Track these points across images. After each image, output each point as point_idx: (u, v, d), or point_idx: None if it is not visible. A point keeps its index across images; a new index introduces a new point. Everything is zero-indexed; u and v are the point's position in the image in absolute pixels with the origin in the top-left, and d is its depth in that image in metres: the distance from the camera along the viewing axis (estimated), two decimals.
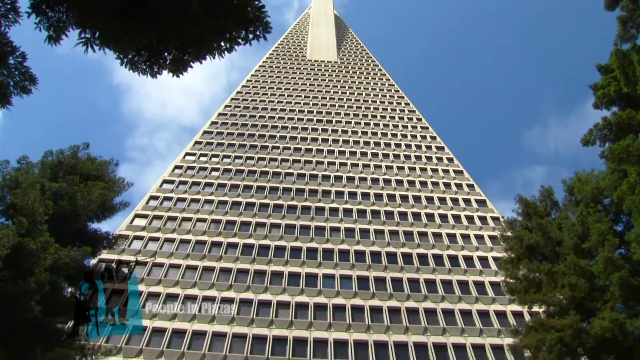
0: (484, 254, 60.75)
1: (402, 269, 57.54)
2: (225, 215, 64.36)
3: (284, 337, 46.98)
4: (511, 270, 30.49)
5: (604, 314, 22.71)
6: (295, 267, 56.41)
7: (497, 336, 48.39)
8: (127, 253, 55.08)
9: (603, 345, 23.12)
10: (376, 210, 68.75)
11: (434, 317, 50.92)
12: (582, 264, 24.86)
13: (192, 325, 47.12)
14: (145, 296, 49.95)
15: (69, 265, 23.71)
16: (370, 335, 48.05)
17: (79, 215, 25.88)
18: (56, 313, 24.52)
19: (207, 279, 53.19)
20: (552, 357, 25.08)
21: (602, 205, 26.34)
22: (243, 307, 50.14)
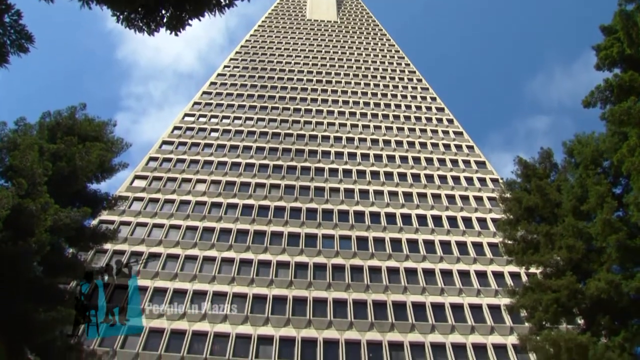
0: (483, 215, 61.00)
1: (401, 229, 57.84)
2: (224, 176, 64.41)
3: (283, 297, 47.50)
4: (509, 231, 30.62)
5: (600, 275, 22.88)
6: (294, 227, 56.70)
7: (494, 296, 48.97)
8: (127, 214, 55.29)
9: (598, 305, 23.36)
10: (375, 171, 68.78)
11: (432, 277, 51.42)
12: (580, 226, 24.96)
13: (193, 285, 47.59)
14: (145, 256, 50.28)
15: (69, 225, 23.75)
16: (369, 295, 48.57)
17: (78, 176, 25.84)
18: (57, 273, 24.72)
19: (207, 239, 53.51)
20: (547, 317, 25.38)
21: (602, 168, 26.29)
22: (243, 267, 50.57)
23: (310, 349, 42.85)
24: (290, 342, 43.25)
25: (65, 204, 24.52)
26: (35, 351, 22.56)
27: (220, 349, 42.06)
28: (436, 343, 44.05)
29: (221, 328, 43.66)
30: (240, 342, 42.85)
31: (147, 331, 42.29)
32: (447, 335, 44.80)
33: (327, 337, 43.90)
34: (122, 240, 49.58)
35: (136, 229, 54.22)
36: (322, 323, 45.07)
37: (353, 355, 42.58)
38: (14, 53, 9.69)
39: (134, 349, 40.81)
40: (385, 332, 44.83)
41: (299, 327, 44.59)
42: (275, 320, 44.89)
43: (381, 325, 45.35)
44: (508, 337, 44.33)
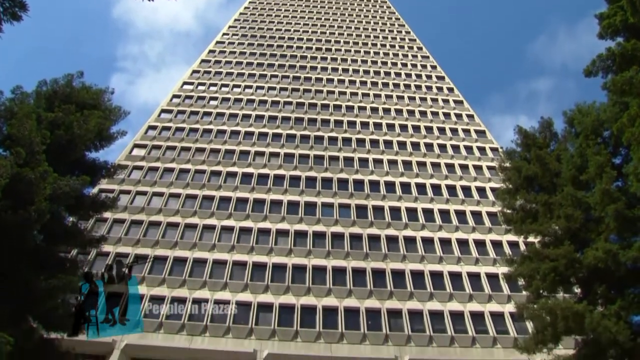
0: (482, 184, 61.10)
1: (400, 198, 57.97)
2: (223, 145, 64.31)
3: (283, 264, 47.81)
4: (508, 200, 30.67)
5: (597, 245, 22.99)
6: (293, 196, 56.82)
7: (493, 265, 49.29)
8: (126, 183, 55.37)
9: (595, 274, 23.53)
10: (375, 140, 68.67)
11: (431, 245, 51.69)
12: (579, 195, 24.99)
13: (193, 253, 47.87)
14: (146, 225, 50.49)
15: (69, 194, 23.74)
16: (368, 263, 48.90)
17: (76, 144, 25.75)
18: (58, 241, 24.79)
19: (206, 208, 53.66)
20: (545, 286, 25.57)
21: (602, 138, 26.21)
22: (242, 235, 50.80)
23: (310, 316, 43.28)
24: (290, 309, 43.67)
25: (64, 172, 24.46)
26: (37, 318, 22.76)
27: (221, 316, 42.45)
28: (434, 311, 44.49)
29: (221, 295, 44.02)
30: (240, 309, 43.24)
31: (147, 299, 42.69)
32: (445, 303, 45.23)
33: (326, 304, 44.30)
34: (122, 209, 49.73)
35: (136, 197, 54.34)
36: (322, 291, 45.44)
37: (352, 322, 43.03)
38: (7, 21, 9.55)
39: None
40: (384, 300, 45.23)
41: (298, 294, 44.97)
42: (275, 287, 45.25)
43: (380, 293, 45.73)
44: (505, 305, 44.79)
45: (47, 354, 22.19)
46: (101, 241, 27.48)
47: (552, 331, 24.02)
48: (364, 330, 42.35)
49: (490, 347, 41.78)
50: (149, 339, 39.71)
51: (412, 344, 41.68)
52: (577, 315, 22.33)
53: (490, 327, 43.24)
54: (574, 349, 25.29)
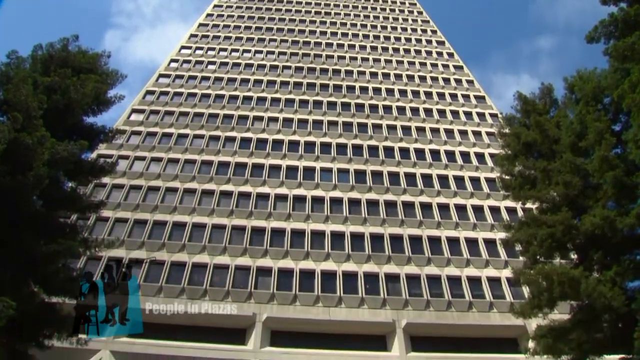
0: (481, 150, 61.06)
1: (399, 163, 57.98)
2: (222, 109, 64.00)
3: (281, 229, 48.06)
4: (507, 166, 30.67)
5: (595, 211, 23.05)
6: (292, 161, 56.80)
7: (490, 230, 49.56)
8: (125, 148, 55.28)
9: (592, 241, 23.65)
10: (374, 104, 68.38)
11: (429, 210, 51.89)
12: (578, 162, 24.97)
13: (192, 217, 48.11)
14: (145, 190, 50.56)
15: (67, 159, 23.66)
16: (366, 228, 49.15)
17: (74, 108, 25.55)
18: (57, 206, 24.80)
19: (205, 173, 53.70)
20: (542, 251, 25.74)
21: (602, 104, 26.03)
22: (241, 200, 50.95)
23: (309, 280, 43.68)
24: (289, 273, 44.06)
25: (62, 137, 24.32)
26: (38, 283, 22.92)
27: (220, 280, 42.85)
28: (432, 275, 44.90)
29: (220, 260, 44.38)
30: (240, 274, 43.63)
31: (147, 263, 43.00)
32: (443, 268, 45.61)
33: (325, 268, 44.68)
34: (120, 174, 49.77)
35: (134, 162, 54.29)
36: (320, 255, 45.78)
37: (350, 287, 43.46)
38: None
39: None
40: (382, 264, 45.61)
41: (297, 259, 45.31)
42: (274, 252, 45.56)
43: (378, 258, 46.09)
44: (502, 270, 45.18)
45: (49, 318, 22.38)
46: (100, 206, 27.47)
47: (548, 296, 24.25)
48: (362, 294, 42.78)
49: (486, 311, 42.30)
50: (149, 303, 40.07)
51: (410, 308, 42.17)
52: (573, 280, 22.51)
53: (487, 292, 43.70)
54: (569, 314, 25.56)
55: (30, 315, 20.92)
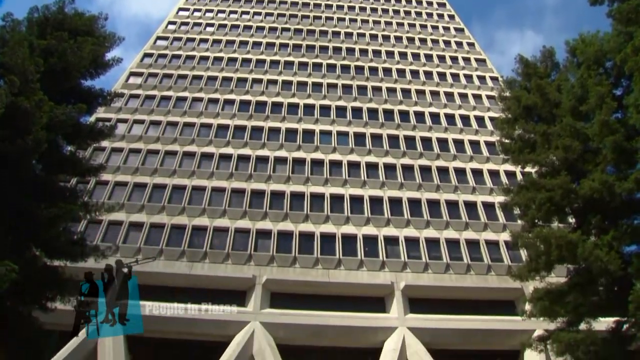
0: (481, 114, 60.82)
1: (399, 126, 57.83)
2: (221, 72, 63.50)
3: (281, 192, 48.19)
4: (507, 129, 30.57)
5: (594, 176, 23.06)
6: (291, 123, 56.62)
7: (489, 194, 49.69)
8: (123, 111, 54.99)
9: (590, 205, 23.73)
10: (374, 67, 67.83)
11: (428, 174, 51.94)
12: (578, 126, 24.88)
13: (191, 181, 48.17)
14: (144, 153, 50.50)
15: (65, 122, 23.59)
16: (365, 191, 49.29)
17: (71, 72, 25.34)
18: (57, 170, 24.84)
19: (204, 136, 53.60)
20: (540, 215, 25.84)
21: (604, 68, 25.79)
22: (241, 163, 50.98)
23: (308, 242, 44.01)
24: (288, 235, 44.33)
25: (59, 101, 24.17)
26: (40, 247, 23.09)
27: (220, 242, 43.14)
28: (430, 238, 45.21)
29: (220, 222, 44.59)
30: (239, 236, 43.90)
31: (148, 226, 43.24)
32: (442, 231, 45.89)
33: (324, 231, 44.96)
34: (119, 137, 49.63)
35: (133, 126, 54.09)
36: (319, 218, 46.00)
37: (349, 249, 43.80)
38: None
39: (136, 243, 41.85)
40: (381, 227, 45.86)
41: (296, 221, 45.54)
42: (273, 215, 45.76)
43: (377, 220, 46.33)
44: (501, 233, 45.44)
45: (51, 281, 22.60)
46: (100, 170, 27.48)
47: (546, 259, 24.44)
48: (361, 256, 43.13)
49: (484, 274, 42.73)
50: (149, 266, 40.26)
51: (408, 271, 42.57)
52: (570, 244, 22.65)
53: (485, 255, 44.07)
54: (566, 277, 25.82)
55: (33, 278, 21.10)
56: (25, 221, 21.35)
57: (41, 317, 22.35)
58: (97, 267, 32.07)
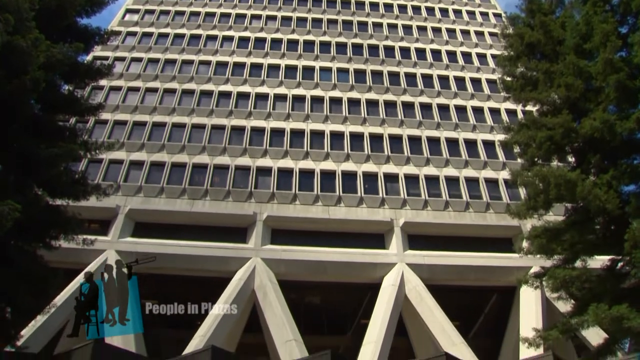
0: (483, 51, 59.88)
1: (400, 62, 57.15)
2: (219, 8, 62.11)
3: (281, 129, 48.11)
4: (509, 67, 30.17)
5: (595, 115, 22.90)
6: (291, 60, 55.96)
7: (489, 132, 49.59)
8: (121, 49, 54.16)
9: (590, 144, 23.69)
10: (374, 2, 66.38)
11: (429, 111, 51.69)
12: (581, 64, 24.52)
13: (191, 118, 48.04)
14: (142, 91, 50.10)
15: (62, 61, 23.30)
16: (365, 128, 49.20)
17: (66, 9, 24.80)
18: (55, 110, 24.72)
19: (203, 73, 53.04)
20: (540, 154, 25.83)
21: (610, 5, 25.17)
22: (240, 100, 50.70)
23: (308, 180, 44.22)
24: (289, 172, 44.51)
25: (56, 39, 23.80)
26: (41, 186, 23.19)
27: (220, 180, 43.37)
28: (430, 176, 45.40)
29: (220, 160, 44.70)
30: (240, 174, 44.10)
31: (148, 165, 43.34)
32: (441, 169, 46.02)
33: (324, 168, 45.12)
34: (117, 76, 49.06)
35: (131, 64, 53.36)
36: (320, 155, 46.09)
37: (349, 186, 44.05)
38: None
39: (137, 182, 42.02)
40: (381, 164, 46.02)
41: (296, 158, 45.64)
42: (273, 152, 45.84)
43: (377, 158, 46.44)
44: (500, 172, 45.60)
45: (54, 220, 22.84)
46: (99, 109, 27.25)
47: (544, 198, 24.57)
48: (361, 193, 43.43)
49: (483, 212, 43.10)
50: (151, 204, 40.82)
51: (408, 208, 42.93)
52: (569, 183, 22.71)
53: (484, 193, 44.32)
54: (564, 216, 26.04)
55: (36, 217, 21.31)
56: (25, 160, 21.41)
57: (46, 255, 22.70)
58: (99, 206, 32.89)
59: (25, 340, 25.05)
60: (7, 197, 18.50)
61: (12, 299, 20.51)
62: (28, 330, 28.65)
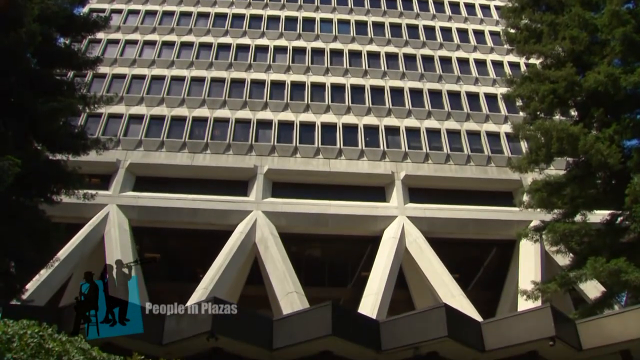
0: (486, 2, 58.45)
1: (401, 14, 56.07)
2: None
3: (281, 81, 47.62)
4: (513, 19, 29.81)
5: (600, 68, 22.70)
6: (291, 11, 54.91)
7: (492, 85, 49.07)
8: (117, 1, 52.91)
9: (594, 98, 23.54)
10: None
11: (431, 64, 51.01)
12: (587, 16, 24.17)
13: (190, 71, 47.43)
14: (141, 44, 49.39)
15: (58, 14, 23.07)
16: (366, 80, 48.68)
17: None
18: (53, 64, 24.47)
19: (202, 25, 52.04)
20: (542, 107, 25.74)
21: None
22: (240, 53, 49.96)
23: (309, 133, 44.00)
24: (289, 125, 44.25)
25: None
26: (41, 141, 23.20)
27: (221, 133, 43.19)
28: (431, 129, 45.15)
29: (220, 113, 44.39)
30: (240, 127, 43.88)
31: (148, 119, 43.06)
32: (443, 122, 45.72)
33: (325, 121, 44.82)
34: (115, 29, 48.08)
35: (129, 17, 52.11)
36: (320, 107, 45.74)
37: (350, 139, 43.86)
38: None
39: (137, 136, 41.84)
40: (382, 117, 45.72)
41: (297, 111, 45.30)
42: (274, 105, 45.48)
43: (378, 110, 46.11)
44: (502, 125, 45.31)
45: (54, 174, 22.86)
46: (96, 62, 26.94)
47: (546, 151, 24.61)
48: (362, 146, 43.28)
49: (484, 165, 43.01)
50: (152, 158, 40.73)
51: (409, 161, 42.84)
52: (571, 136, 22.69)
53: (485, 146, 44.13)
54: (565, 170, 26.06)
55: (37, 172, 21.34)
56: (24, 115, 21.30)
57: (48, 210, 22.81)
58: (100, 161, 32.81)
59: (30, 294, 25.41)
60: (6, 152, 18.48)
61: (16, 254, 20.72)
62: (33, 285, 29.06)
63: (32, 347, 9.75)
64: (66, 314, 19.66)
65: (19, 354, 9.52)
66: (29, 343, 9.78)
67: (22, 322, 10.28)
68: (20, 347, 9.66)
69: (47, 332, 10.36)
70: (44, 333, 10.25)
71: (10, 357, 9.38)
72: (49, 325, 10.58)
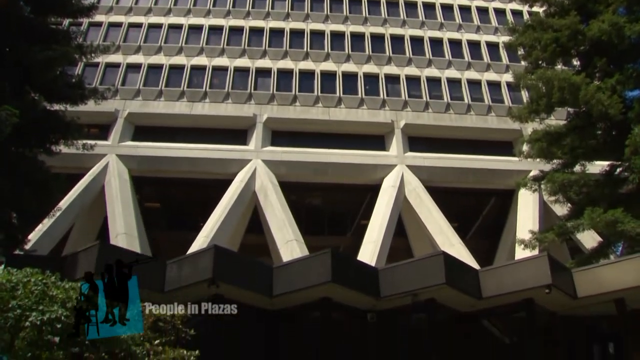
0: None
1: None
2: None
3: (280, 29, 46.90)
4: None
5: (604, 17, 22.34)
6: None
7: (493, 33, 48.28)
8: None
9: (597, 48, 23.27)
10: None
11: (432, 11, 50.01)
12: None
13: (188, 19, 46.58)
14: None
15: None
16: (367, 28, 47.95)
17: None
18: (47, 11, 24.07)
19: None
20: (544, 56, 25.47)
21: None
22: (238, 0, 48.93)
23: (308, 81, 43.61)
24: (288, 74, 43.83)
25: None
26: (37, 91, 23.04)
27: (219, 82, 42.82)
28: (431, 77, 44.70)
29: (219, 62, 43.89)
30: (238, 75, 43.46)
31: (146, 67, 42.53)
32: (443, 70, 45.23)
33: (325, 69, 44.31)
34: None
35: None
36: (320, 55, 45.18)
37: (349, 87, 43.52)
38: None
39: (135, 85, 41.44)
40: (382, 65, 45.24)
41: (296, 59, 44.77)
42: (273, 53, 44.93)
43: (378, 59, 45.59)
44: (503, 74, 44.76)
45: (53, 124, 22.79)
46: (91, 10, 26.39)
47: (547, 101, 24.47)
48: (362, 95, 42.97)
49: (484, 114, 42.77)
50: (150, 107, 40.47)
51: (409, 109, 42.60)
52: (573, 86, 22.53)
53: (485, 95, 43.76)
54: (565, 120, 25.98)
55: (35, 122, 21.26)
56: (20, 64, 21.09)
57: (48, 161, 22.82)
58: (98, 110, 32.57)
59: (33, 244, 25.64)
60: (4, 102, 18.36)
61: (17, 204, 20.84)
62: (35, 235, 29.30)
63: (36, 295, 9.96)
64: (69, 262, 19.95)
65: (23, 300, 9.72)
66: (33, 290, 9.99)
67: (25, 270, 10.45)
68: (24, 294, 9.86)
69: (50, 279, 10.56)
70: (48, 281, 10.45)
71: (15, 304, 9.58)
72: (52, 274, 10.75)
